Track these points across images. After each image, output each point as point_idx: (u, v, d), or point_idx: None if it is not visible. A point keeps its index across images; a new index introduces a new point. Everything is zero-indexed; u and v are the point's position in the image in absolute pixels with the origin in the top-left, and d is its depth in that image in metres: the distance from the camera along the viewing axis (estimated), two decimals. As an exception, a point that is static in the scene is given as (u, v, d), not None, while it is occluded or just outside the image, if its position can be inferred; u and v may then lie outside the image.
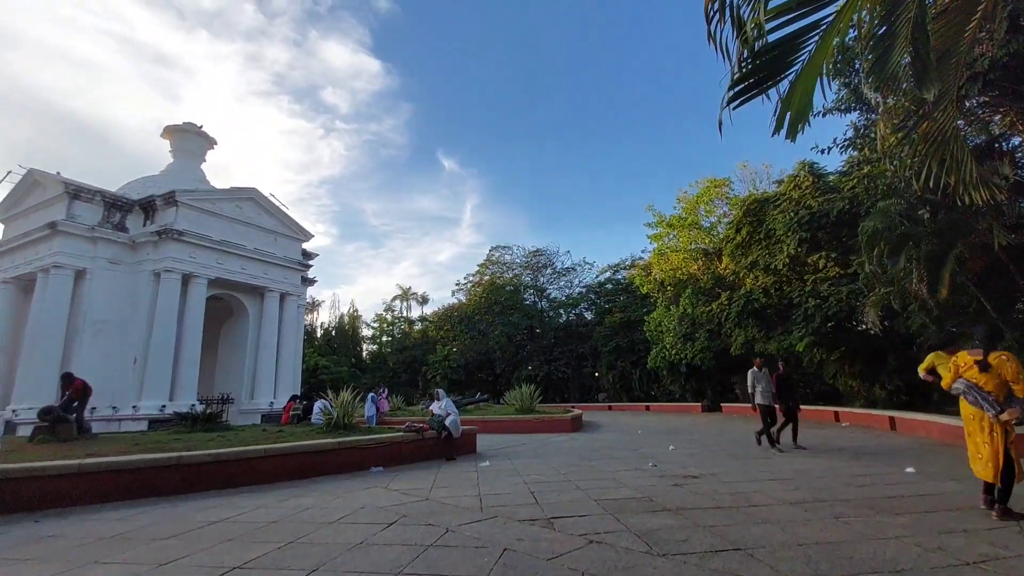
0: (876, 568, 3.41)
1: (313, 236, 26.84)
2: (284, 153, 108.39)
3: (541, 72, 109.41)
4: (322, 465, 8.28)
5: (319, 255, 28.75)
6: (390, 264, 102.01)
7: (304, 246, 26.68)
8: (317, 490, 6.93)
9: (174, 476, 6.96)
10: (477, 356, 45.07)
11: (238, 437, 9.80)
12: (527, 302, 49.18)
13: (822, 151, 16.35)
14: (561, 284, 49.73)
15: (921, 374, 6.51)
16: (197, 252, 21.12)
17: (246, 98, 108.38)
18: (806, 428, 12.92)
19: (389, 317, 57.25)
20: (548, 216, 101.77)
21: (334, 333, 53.74)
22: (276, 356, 23.89)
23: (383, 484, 7.23)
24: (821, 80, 3.54)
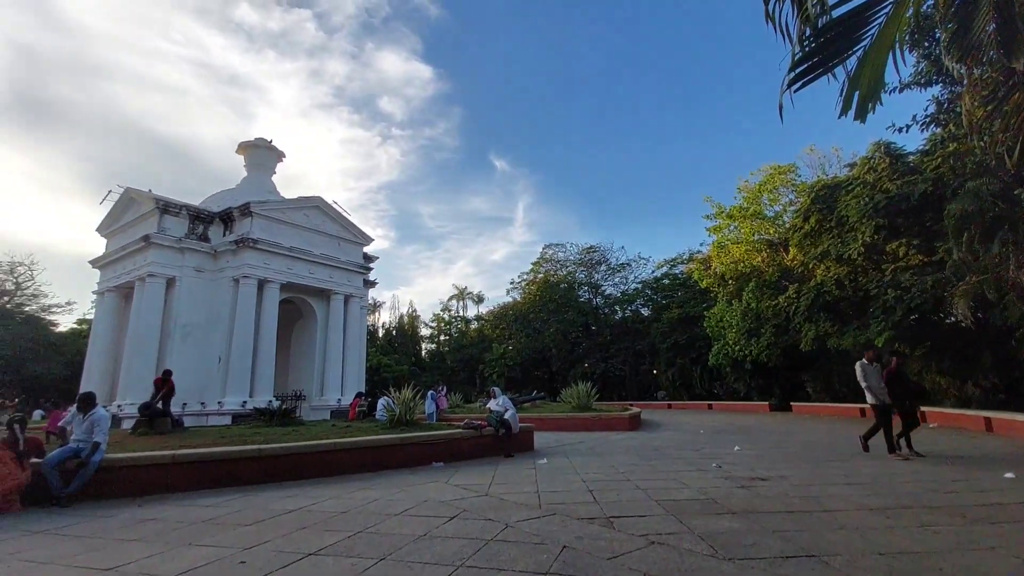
0: (969, 582, 3.14)
1: (373, 240, 27.96)
2: (345, 162, 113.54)
3: (589, 68, 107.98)
4: (387, 459, 8.64)
5: (379, 258, 29.99)
6: (446, 265, 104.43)
7: (365, 250, 27.82)
8: (382, 483, 7.24)
9: (255, 467, 7.51)
10: (533, 354, 45.21)
11: (310, 432, 10.42)
12: (581, 299, 48.75)
13: (899, 130, 15.11)
14: (616, 280, 48.95)
15: None
16: (270, 259, 22.59)
17: (309, 112, 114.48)
18: (888, 429, 11.98)
19: (446, 316, 58.68)
20: (600, 212, 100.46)
21: (394, 333, 55.71)
22: (342, 355, 25.10)
23: (444, 479, 7.44)
24: (893, 54, 3.29)
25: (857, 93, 3.39)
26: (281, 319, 23.60)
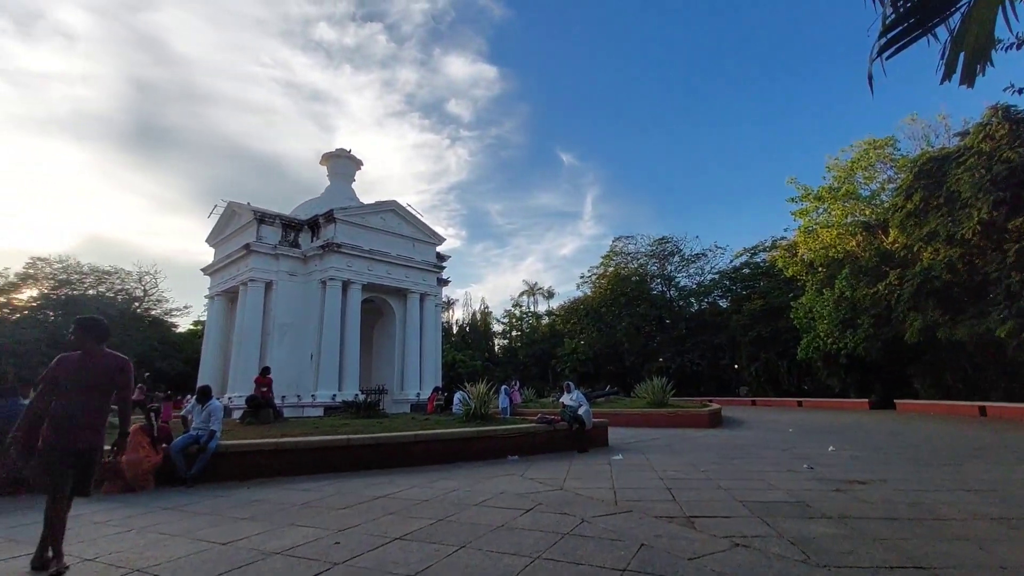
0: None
1: (445, 240, 28.93)
2: (417, 165, 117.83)
3: (654, 57, 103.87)
4: (464, 452, 8.96)
5: (451, 257, 30.91)
6: (516, 261, 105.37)
7: (437, 249, 28.86)
8: (460, 474, 7.52)
9: (345, 456, 8.09)
10: (605, 348, 44.53)
11: (393, 424, 11.03)
12: (654, 292, 47.28)
13: (1019, 91, 13.13)
14: (691, 271, 47.01)
15: None
16: (352, 261, 24.15)
17: (383, 120, 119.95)
18: (1014, 430, 10.58)
19: (517, 312, 59.29)
20: (672, 202, 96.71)
21: (468, 329, 57.18)
22: (419, 351, 26.28)
23: (519, 472, 7.59)
24: (1003, 6, 2.90)
25: (963, 54, 3.02)
26: (364, 318, 25.15)
